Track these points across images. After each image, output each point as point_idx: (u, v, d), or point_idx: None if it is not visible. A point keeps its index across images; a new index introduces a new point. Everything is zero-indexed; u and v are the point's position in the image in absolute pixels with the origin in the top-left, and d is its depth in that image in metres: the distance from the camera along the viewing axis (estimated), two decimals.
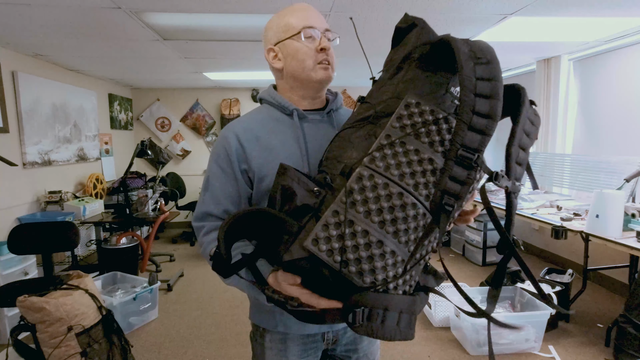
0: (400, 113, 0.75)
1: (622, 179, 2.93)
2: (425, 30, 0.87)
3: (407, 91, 0.79)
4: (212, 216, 0.99)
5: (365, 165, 0.71)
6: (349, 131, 0.84)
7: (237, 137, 0.98)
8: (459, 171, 0.71)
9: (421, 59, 0.83)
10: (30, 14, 2.46)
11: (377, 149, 0.73)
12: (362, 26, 2.87)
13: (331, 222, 0.69)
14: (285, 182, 0.78)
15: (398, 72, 0.85)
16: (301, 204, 0.75)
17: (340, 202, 0.70)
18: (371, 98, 0.86)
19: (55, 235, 2.77)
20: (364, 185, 0.70)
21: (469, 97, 0.70)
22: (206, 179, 1.02)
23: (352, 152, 0.78)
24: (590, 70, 3.85)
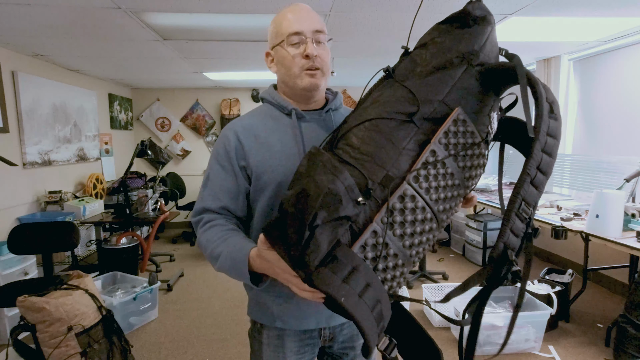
0: (448, 128, 0.73)
1: (622, 179, 2.93)
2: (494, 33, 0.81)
3: (459, 102, 0.76)
4: (210, 211, 1.02)
5: (409, 184, 0.70)
6: (387, 124, 0.75)
7: (236, 135, 1.01)
8: (518, 224, 0.71)
9: (483, 73, 0.78)
10: (30, 14, 2.46)
11: (422, 166, 0.71)
12: (362, 26, 2.87)
13: (369, 244, 0.69)
14: (335, 187, 0.67)
15: (449, 68, 0.78)
16: (343, 215, 0.67)
17: (380, 222, 0.68)
18: (410, 82, 0.78)
19: (55, 235, 2.77)
20: (405, 207, 0.70)
21: (539, 153, 0.70)
22: (206, 176, 1.05)
23: (393, 157, 0.72)
24: (590, 70, 3.85)
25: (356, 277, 0.64)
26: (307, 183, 0.67)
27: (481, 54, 0.79)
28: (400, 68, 0.83)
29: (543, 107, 0.70)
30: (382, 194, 0.70)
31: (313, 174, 0.69)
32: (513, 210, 0.71)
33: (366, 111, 0.79)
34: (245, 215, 1.05)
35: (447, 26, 0.82)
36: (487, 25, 0.81)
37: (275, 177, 0.97)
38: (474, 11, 0.80)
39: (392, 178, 0.70)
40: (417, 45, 0.86)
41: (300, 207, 0.65)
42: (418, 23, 2.81)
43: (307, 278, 0.64)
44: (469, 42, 0.78)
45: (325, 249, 0.64)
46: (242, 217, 1.05)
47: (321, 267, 0.64)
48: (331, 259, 0.65)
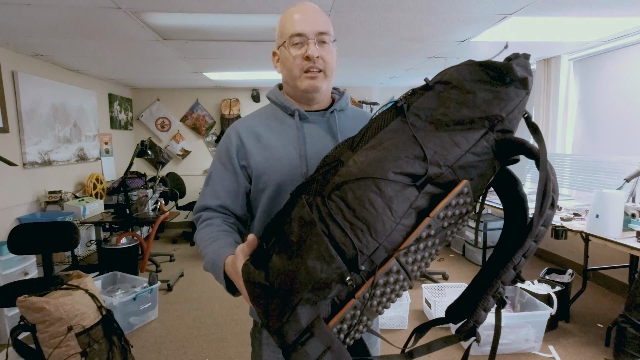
0: (451, 202, 0.70)
1: (622, 179, 2.93)
2: (525, 101, 0.76)
3: (466, 170, 0.73)
4: (209, 209, 1.03)
5: (398, 260, 0.69)
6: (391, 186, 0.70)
7: (238, 135, 1.02)
8: (490, 303, 0.73)
9: (501, 143, 0.74)
10: (30, 14, 2.46)
11: (414, 242, 0.69)
12: (362, 26, 2.87)
13: (347, 318, 0.70)
14: (327, 277, 0.65)
15: (469, 128, 0.73)
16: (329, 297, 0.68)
17: (362, 297, 0.69)
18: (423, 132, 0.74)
19: (55, 235, 2.77)
20: (388, 281, 0.70)
21: (528, 243, 0.71)
22: (208, 174, 1.06)
23: (389, 229, 0.68)
24: (590, 70, 3.85)
25: (328, 356, 0.67)
26: (297, 265, 0.66)
27: (506, 120, 0.73)
28: (416, 106, 0.77)
29: (547, 202, 0.69)
30: (369, 268, 0.69)
31: (305, 255, 0.66)
32: (491, 293, 0.72)
33: (369, 156, 0.73)
34: (245, 215, 1.06)
35: (483, 73, 0.75)
36: (524, 90, 0.74)
37: (275, 177, 0.97)
38: (517, 70, 0.73)
39: (382, 253, 0.69)
40: (443, 80, 0.78)
41: (287, 289, 0.66)
42: (417, 23, 2.81)
43: (282, 348, 0.68)
44: (499, 105, 0.73)
45: (304, 325, 0.66)
46: (242, 216, 1.05)
47: (297, 343, 0.67)
48: (308, 335, 0.67)
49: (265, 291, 0.68)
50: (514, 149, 0.74)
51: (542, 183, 0.68)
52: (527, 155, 0.73)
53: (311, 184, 0.77)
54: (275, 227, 0.77)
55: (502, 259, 0.75)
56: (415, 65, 4.37)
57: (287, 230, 0.72)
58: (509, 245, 0.78)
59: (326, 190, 0.72)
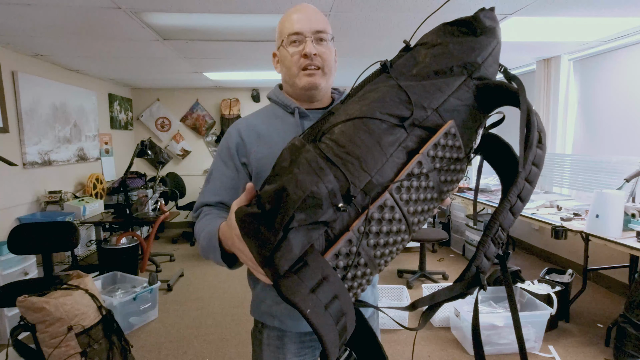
0: (438, 141, 0.71)
1: (622, 179, 2.93)
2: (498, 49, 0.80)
3: (451, 113, 0.74)
4: (209, 206, 1.04)
5: (391, 194, 0.69)
6: (378, 125, 0.71)
7: (239, 133, 1.04)
8: (492, 249, 0.72)
9: (482, 88, 0.76)
10: (30, 14, 2.46)
11: (406, 178, 0.69)
12: (362, 26, 2.87)
13: (342, 252, 0.67)
14: (317, 190, 0.63)
15: (448, 75, 0.76)
16: (321, 220, 0.65)
17: (357, 231, 0.67)
18: (406, 82, 0.76)
19: (55, 235, 2.77)
20: (383, 217, 0.69)
21: (522, 182, 0.70)
22: (209, 173, 1.07)
23: (379, 163, 0.69)
24: (590, 70, 3.85)
25: (325, 287, 0.63)
26: (288, 181, 0.64)
27: (482, 67, 0.77)
28: (399, 64, 0.81)
29: (534, 135, 0.69)
30: (362, 202, 0.68)
31: (296, 171, 0.65)
32: (489, 235, 0.71)
33: (357, 105, 0.76)
34: None
35: (454, 29, 0.80)
36: (494, 38, 0.79)
37: None
38: (484, 20, 0.79)
39: (375, 186, 0.68)
40: (420, 42, 0.83)
41: (278, 206, 0.62)
42: (417, 23, 2.81)
43: (274, 281, 0.63)
44: (473, 53, 0.77)
45: (297, 254, 0.63)
46: None
47: (290, 272, 0.63)
48: (302, 264, 0.63)
49: (256, 218, 0.65)
50: (494, 93, 0.76)
51: (525, 115, 0.69)
52: (507, 99, 0.75)
53: (304, 134, 0.80)
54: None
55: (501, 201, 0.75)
56: None
57: (279, 160, 0.71)
58: None
59: (318, 135, 0.75)
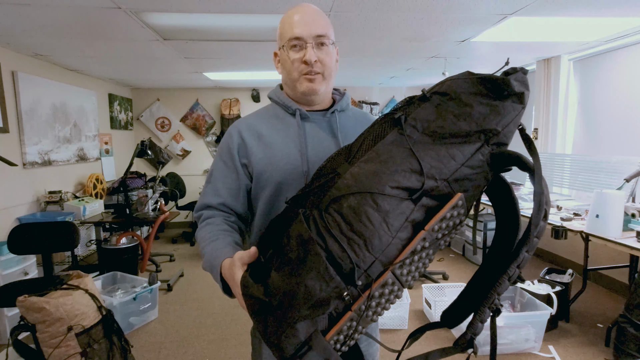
0: (445, 215, 0.71)
1: (622, 179, 2.93)
2: (521, 115, 0.77)
3: (461, 183, 0.73)
4: (210, 207, 1.03)
5: (393, 272, 0.70)
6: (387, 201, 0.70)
7: (239, 133, 1.03)
8: (487, 314, 0.74)
9: (496, 156, 0.74)
10: (30, 14, 2.46)
11: (410, 255, 0.70)
12: (362, 26, 2.87)
13: (344, 330, 0.71)
14: (325, 296, 0.67)
15: (465, 142, 0.73)
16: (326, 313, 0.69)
17: (358, 309, 0.70)
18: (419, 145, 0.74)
19: (55, 235, 2.77)
20: (383, 293, 0.71)
21: (523, 254, 0.71)
22: (209, 173, 1.07)
23: (385, 243, 0.69)
24: (590, 70, 3.85)
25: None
26: (296, 284, 0.67)
27: (502, 134, 0.74)
28: (414, 117, 0.77)
29: (541, 213, 0.69)
30: (365, 281, 0.70)
31: (304, 274, 0.67)
32: (487, 305, 0.73)
33: (366, 170, 0.73)
34: (246, 213, 1.06)
35: (480, 87, 0.75)
36: (520, 105, 0.75)
37: (276, 176, 0.98)
38: (514, 84, 0.74)
39: (378, 266, 0.70)
40: (441, 90, 0.78)
41: (287, 306, 0.67)
42: (417, 23, 2.81)
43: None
44: (495, 120, 0.73)
45: (302, 339, 0.68)
46: (243, 214, 1.05)
47: (295, 356, 0.68)
48: (306, 349, 0.68)
49: (264, 306, 0.70)
50: (508, 162, 0.75)
51: (537, 199, 0.70)
52: (521, 168, 0.75)
53: (308, 196, 0.77)
54: (271, 238, 0.78)
55: (496, 263, 0.76)
56: (415, 65, 4.37)
57: (286, 246, 0.72)
58: (502, 248, 0.79)
59: (323, 203, 0.73)
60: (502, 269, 0.72)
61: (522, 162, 0.72)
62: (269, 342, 0.70)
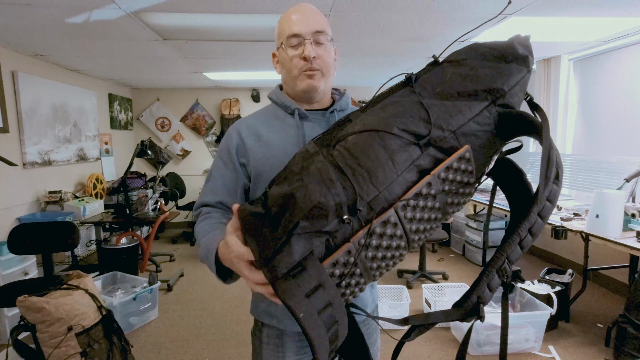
0: (451, 164, 0.71)
1: (622, 179, 2.93)
2: (527, 78, 0.79)
3: (469, 137, 0.74)
4: (209, 205, 1.04)
5: (396, 211, 0.69)
6: (393, 140, 0.71)
7: (239, 133, 1.04)
8: (495, 280, 0.72)
9: (503, 116, 0.76)
10: (30, 14, 2.46)
11: (414, 197, 0.69)
12: (362, 26, 2.87)
13: (340, 262, 0.69)
14: (325, 201, 0.65)
15: (472, 99, 0.75)
16: (324, 230, 0.66)
17: (357, 243, 0.68)
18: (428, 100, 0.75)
19: (55, 235, 2.77)
20: (384, 232, 0.69)
21: (534, 217, 0.70)
22: (209, 172, 1.08)
23: (390, 179, 0.69)
24: (590, 70, 3.85)
25: (320, 294, 0.65)
26: (297, 188, 0.65)
27: (508, 95, 0.76)
28: (424, 79, 0.80)
29: (552, 172, 0.69)
30: (367, 215, 0.69)
31: (306, 179, 0.67)
32: (495, 267, 0.71)
33: (376, 116, 0.76)
34: None
35: (486, 52, 0.79)
36: (525, 67, 0.78)
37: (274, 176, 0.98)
38: (518, 47, 0.78)
39: (381, 201, 0.69)
40: (448, 59, 0.82)
41: (284, 212, 0.64)
42: (417, 23, 2.81)
43: (271, 282, 0.65)
44: (501, 79, 0.76)
45: (297, 259, 0.64)
46: None
47: (288, 275, 0.64)
48: (300, 269, 0.65)
49: (260, 219, 0.67)
50: (515, 123, 0.76)
51: (546, 152, 0.69)
52: (528, 131, 0.75)
53: (319, 137, 0.80)
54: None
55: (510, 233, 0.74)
56: (415, 65, 4.37)
57: (290, 163, 0.73)
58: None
59: (332, 142, 0.75)
60: (514, 231, 0.71)
61: (529, 121, 0.73)
62: (261, 260, 0.65)
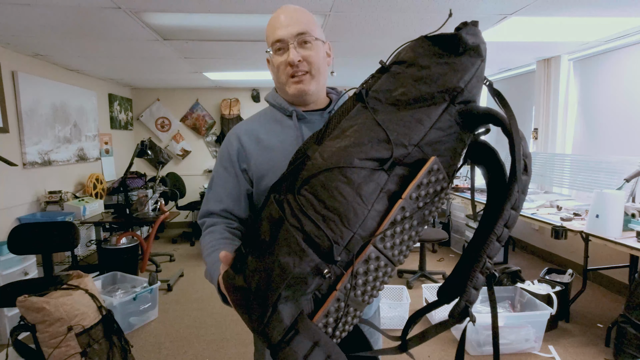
0: (422, 181, 0.69)
1: (622, 179, 2.93)
2: (482, 68, 0.74)
3: (434, 146, 0.71)
4: (213, 214, 1.04)
5: (375, 246, 0.68)
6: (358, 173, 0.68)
7: (238, 138, 1.04)
8: (480, 280, 0.72)
9: (465, 114, 0.72)
10: (30, 14, 2.46)
11: (390, 225, 0.68)
12: (362, 26, 2.87)
13: (332, 311, 0.69)
14: (300, 271, 0.65)
15: (429, 104, 0.72)
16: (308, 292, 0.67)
17: (344, 288, 0.68)
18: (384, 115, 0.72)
19: (55, 235, 2.77)
20: (368, 269, 0.69)
21: (508, 212, 0.69)
22: (211, 179, 1.08)
23: (361, 216, 0.67)
24: (590, 70, 3.85)
25: (317, 352, 0.66)
26: (270, 263, 0.66)
27: (466, 90, 0.72)
28: (376, 89, 0.76)
29: (519, 165, 0.67)
30: (346, 258, 0.68)
31: (277, 252, 0.66)
32: (477, 269, 0.71)
33: (334, 147, 0.73)
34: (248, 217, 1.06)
35: (435, 47, 0.74)
36: (478, 57, 0.73)
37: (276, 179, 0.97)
38: (467, 37, 0.72)
39: (358, 241, 0.68)
40: (397, 59, 0.77)
41: (264, 287, 0.66)
42: (417, 23, 2.81)
43: (271, 352, 0.68)
44: (455, 76, 0.71)
45: (288, 323, 0.66)
46: (245, 219, 1.06)
47: (283, 341, 0.66)
48: (293, 333, 0.66)
49: (245, 294, 0.69)
50: (478, 118, 0.73)
51: (513, 146, 0.67)
52: (493, 122, 0.72)
53: (282, 182, 0.77)
54: (252, 229, 0.78)
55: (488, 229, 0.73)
56: None
57: (259, 230, 0.72)
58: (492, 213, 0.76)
59: (295, 186, 0.72)
60: (490, 230, 0.70)
61: (492, 115, 0.70)
62: (256, 331, 0.68)
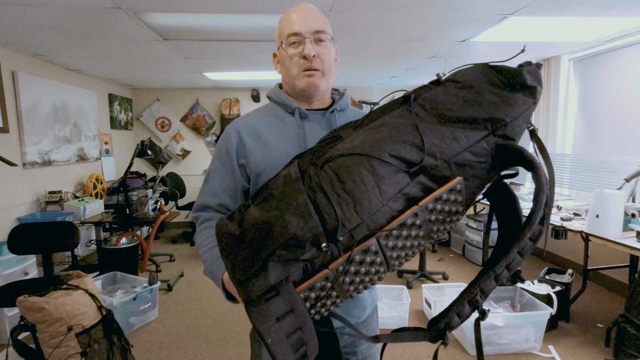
0: (441, 196, 0.69)
1: (622, 179, 2.93)
2: (531, 110, 0.75)
3: (462, 168, 0.71)
4: (209, 208, 1.03)
5: (378, 240, 0.68)
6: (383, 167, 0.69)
7: (238, 133, 1.03)
8: (466, 310, 0.72)
9: (501, 147, 0.72)
10: (30, 14, 2.46)
11: (398, 227, 0.68)
12: (362, 26, 2.87)
13: (317, 287, 0.68)
14: (301, 234, 0.65)
15: (471, 127, 0.72)
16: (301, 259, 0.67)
17: (335, 270, 0.67)
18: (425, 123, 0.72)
19: (55, 235, 2.77)
20: (364, 260, 0.68)
21: (514, 254, 0.69)
22: (207, 172, 1.07)
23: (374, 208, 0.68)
24: (590, 70, 3.85)
25: (290, 319, 0.65)
26: (275, 218, 0.65)
27: (509, 126, 0.73)
28: (424, 98, 0.77)
29: (538, 214, 0.68)
30: (348, 243, 0.68)
31: (284, 208, 0.66)
32: (467, 298, 0.71)
33: (368, 136, 0.73)
34: None
35: (494, 76, 0.75)
36: (531, 98, 0.74)
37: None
38: (527, 76, 0.73)
39: (364, 229, 0.68)
40: (453, 78, 0.79)
41: (260, 240, 0.65)
42: (417, 23, 2.81)
43: (245, 305, 0.66)
44: (505, 109, 0.72)
45: (272, 283, 0.65)
46: None
47: (262, 298, 0.65)
48: (274, 294, 0.65)
49: (236, 240, 0.68)
50: (512, 157, 0.73)
51: (536, 196, 0.68)
52: (525, 166, 0.72)
53: (307, 154, 0.77)
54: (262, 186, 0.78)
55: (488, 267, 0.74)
56: (415, 65, 4.37)
57: (271, 184, 0.72)
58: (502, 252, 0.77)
59: (320, 161, 0.73)
60: (492, 266, 0.70)
61: (526, 158, 0.71)
62: (235, 280, 0.66)
